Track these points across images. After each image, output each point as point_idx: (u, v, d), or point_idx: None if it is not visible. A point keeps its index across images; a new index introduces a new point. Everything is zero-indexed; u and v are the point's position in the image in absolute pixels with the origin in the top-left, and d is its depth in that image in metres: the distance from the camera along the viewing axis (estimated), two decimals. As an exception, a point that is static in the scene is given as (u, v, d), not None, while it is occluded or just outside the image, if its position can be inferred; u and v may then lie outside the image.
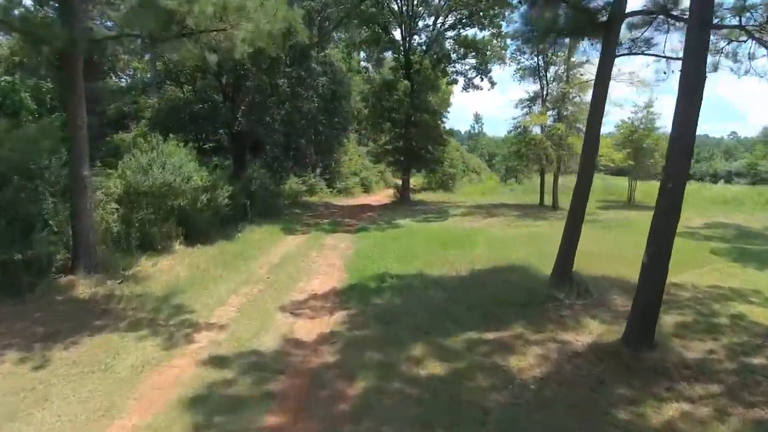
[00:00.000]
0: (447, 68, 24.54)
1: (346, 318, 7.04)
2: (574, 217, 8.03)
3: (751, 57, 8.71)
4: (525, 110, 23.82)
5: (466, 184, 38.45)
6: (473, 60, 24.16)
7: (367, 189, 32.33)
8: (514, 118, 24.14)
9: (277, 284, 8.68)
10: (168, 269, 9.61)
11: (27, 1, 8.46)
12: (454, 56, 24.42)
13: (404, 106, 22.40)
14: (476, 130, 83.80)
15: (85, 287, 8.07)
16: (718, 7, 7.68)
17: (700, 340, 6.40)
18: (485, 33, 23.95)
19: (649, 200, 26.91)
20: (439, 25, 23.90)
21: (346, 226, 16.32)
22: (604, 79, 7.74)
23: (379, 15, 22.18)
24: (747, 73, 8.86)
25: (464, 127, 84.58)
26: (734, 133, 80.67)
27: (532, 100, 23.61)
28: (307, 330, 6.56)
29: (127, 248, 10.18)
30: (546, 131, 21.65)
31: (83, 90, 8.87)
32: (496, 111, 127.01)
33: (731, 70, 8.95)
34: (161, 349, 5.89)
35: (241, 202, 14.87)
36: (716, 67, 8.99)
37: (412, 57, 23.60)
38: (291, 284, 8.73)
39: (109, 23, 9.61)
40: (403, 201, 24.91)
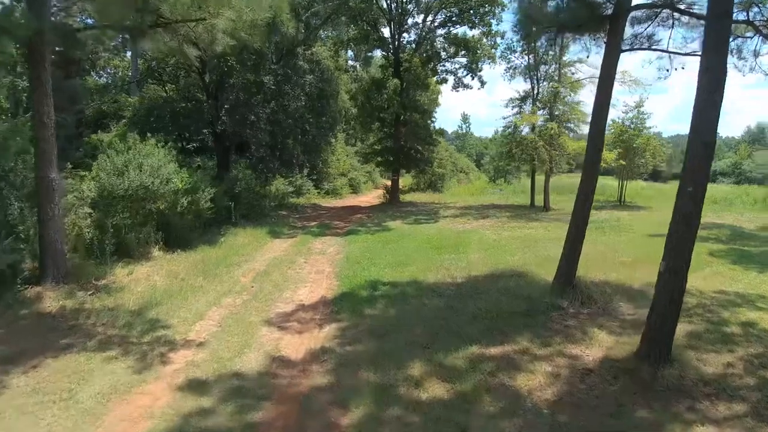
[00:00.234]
0: (437, 67, 24.11)
1: (337, 331, 6.51)
2: (577, 221, 7.60)
3: (757, 54, 8.40)
4: (515, 110, 23.53)
5: (455, 184, 38.13)
6: (464, 59, 23.77)
7: (355, 190, 31.80)
8: (505, 118, 23.85)
9: (262, 294, 8.11)
10: (144, 278, 8.98)
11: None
12: (444, 54, 24.00)
13: (394, 105, 21.91)
14: (463, 130, 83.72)
15: (52, 300, 7.42)
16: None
17: (715, 352, 6.00)
18: (475, 31, 23.61)
19: (639, 200, 27.09)
20: (428, 23, 23.47)
21: (334, 229, 15.78)
22: (608, 77, 7.34)
23: (367, 11, 21.65)
24: (752, 70, 8.55)
25: (451, 127, 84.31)
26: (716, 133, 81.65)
27: (523, 99, 23.32)
28: (294, 346, 6.02)
29: (101, 256, 9.52)
30: (537, 131, 21.33)
31: (50, 86, 8.22)
32: (482, 111, 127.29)
33: (735, 67, 8.63)
34: (132, 372, 5.29)
35: (225, 205, 14.25)
36: (720, 64, 8.64)
37: (401, 55, 23.13)
38: (277, 294, 8.17)
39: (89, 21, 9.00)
40: (393, 202, 24.44)
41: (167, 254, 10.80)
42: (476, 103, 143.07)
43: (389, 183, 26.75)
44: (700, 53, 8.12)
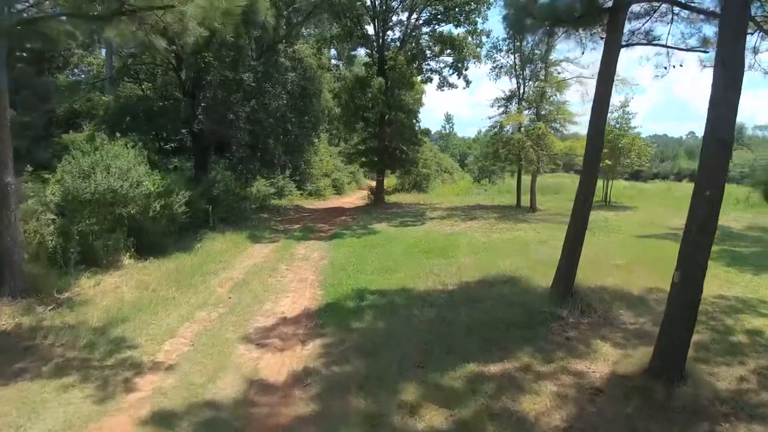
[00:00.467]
0: (422, 65, 23.67)
1: (322, 349, 5.97)
2: (576, 225, 7.20)
3: (756, 50, 8.14)
4: (501, 109, 23.25)
5: (440, 184, 37.78)
6: (449, 58, 23.38)
7: (339, 191, 31.17)
8: (490, 117, 23.55)
9: (240, 306, 7.50)
10: (112, 290, 8.30)
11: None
12: (429, 53, 23.56)
13: (378, 104, 21.38)
14: (447, 130, 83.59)
15: (7, 317, 6.73)
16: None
17: (725, 365, 5.65)
18: (460, 30, 23.23)
19: (623, 200, 27.10)
20: (413, 21, 23.01)
21: (318, 233, 15.19)
22: (608, 73, 6.95)
23: (350, 7, 21.08)
24: (750, 68, 8.27)
25: (435, 127, 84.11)
26: (692, 132, 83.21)
27: (509, 99, 23.04)
28: (275, 367, 5.47)
29: (65, 266, 8.82)
30: (525, 130, 21.05)
31: (7, 82, 7.52)
32: (465, 111, 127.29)
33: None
34: (92, 402, 4.68)
35: (202, 208, 13.55)
36: (718, 61, 8.35)
37: (386, 53, 22.62)
38: (256, 306, 7.58)
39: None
40: (378, 203, 23.91)
41: (139, 262, 10.11)
42: (459, 104, 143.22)
43: (374, 184, 26.22)
44: (702, 49, 7.96)
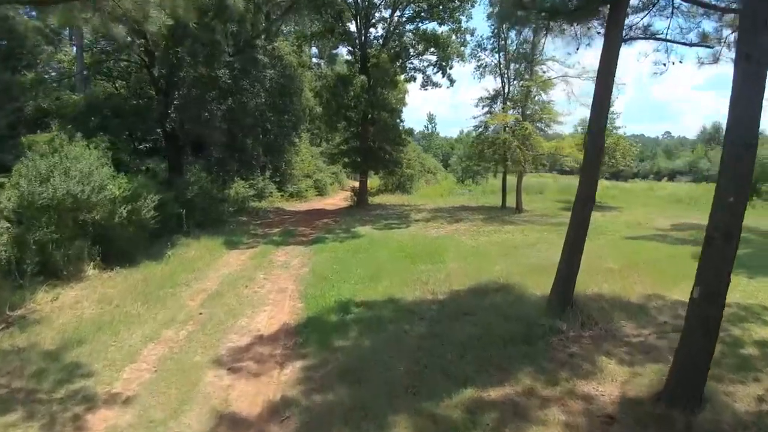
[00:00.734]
0: (405, 64, 23.15)
1: (302, 373, 5.37)
2: (577, 230, 6.74)
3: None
4: (485, 109, 22.86)
5: (423, 185, 37.36)
6: (433, 56, 22.91)
7: (321, 192, 30.45)
8: (475, 117, 23.13)
9: (212, 323, 6.82)
10: (71, 305, 7.55)
11: None
12: (412, 51, 23.05)
13: (361, 103, 20.78)
14: (429, 130, 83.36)
15: (-51, 340, 5.97)
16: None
17: (741, 383, 5.23)
18: (444, 28, 22.78)
19: (608, 200, 27.03)
20: (396, 18, 22.47)
21: (299, 237, 14.52)
22: (608, 70, 6.50)
23: (331, 3, 20.41)
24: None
25: (417, 127, 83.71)
26: (668, 132, 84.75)
27: (493, 98, 22.67)
28: (248, 397, 4.84)
29: (21, 278, 8.03)
30: (511, 130, 20.69)
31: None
32: (446, 111, 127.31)
33: (732, 61, 7.99)
34: (31, 446, 4.01)
35: (175, 212, 12.76)
36: (717, 58, 8.04)
37: (368, 50, 22.03)
38: (230, 322, 6.91)
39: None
40: (361, 205, 23.30)
41: (104, 272, 9.36)
42: (439, 104, 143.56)
43: (357, 184, 25.60)
44: (705, 44, 7.59)
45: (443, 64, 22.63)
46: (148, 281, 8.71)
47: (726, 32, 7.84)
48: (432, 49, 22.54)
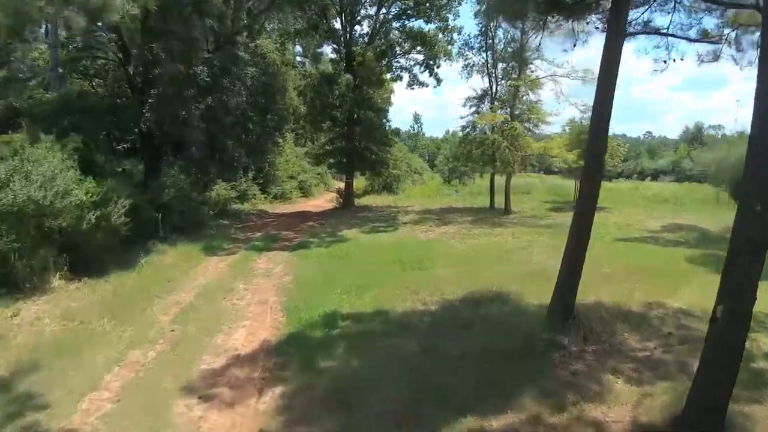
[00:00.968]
0: (392, 62, 22.68)
1: (282, 400, 4.84)
2: (579, 234, 6.33)
3: (758, 45, 7.48)
4: (473, 109, 22.51)
5: (410, 185, 36.98)
6: (419, 55, 22.50)
7: (306, 193, 29.82)
8: (462, 117, 22.76)
9: (185, 342, 6.24)
10: (31, 322, 6.89)
11: None
12: (399, 50, 22.60)
13: (347, 102, 20.24)
14: (415, 130, 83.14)
15: None
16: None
17: (756, 402, 4.86)
18: (431, 26, 22.38)
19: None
20: (382, 15, 21.98)
21: (282, 242, 13.94)
22: (611, 68, 6.10)
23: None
24: (750, 64, 7.62)
25: (403, 127, 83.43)
26: (649, 132, 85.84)
27: (481, 98, 22.33)
28: (222, 431, 4.30)
29: (-23, 293, 7.36)
30: (500, 130, 20.35)
31: None
32: (431, 112, 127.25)
33: (733, 59, 7.70)
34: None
35: (151, 217, 12.08)
36: (717, 56, 7.72)
37: (354, 48, 21.50)
38: (205, 340, 6.33)
39: None
40: (347, 206, 22.76)
41: (71, 283, 8.69)
42: (425, 103, 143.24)
43: (342, 185, 25.06)
44: (709, 40, 7.25)
45: (430, 62, 22.23)
46: (118, 293, 8.08)
47: (726, 30, 7.55)
48: (419, 48, 22.13)
